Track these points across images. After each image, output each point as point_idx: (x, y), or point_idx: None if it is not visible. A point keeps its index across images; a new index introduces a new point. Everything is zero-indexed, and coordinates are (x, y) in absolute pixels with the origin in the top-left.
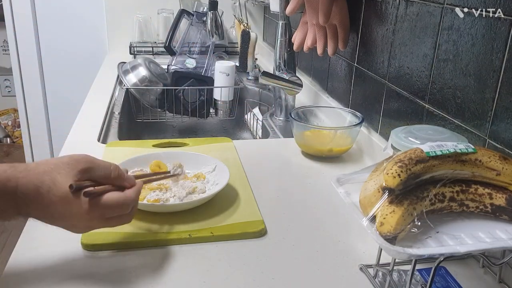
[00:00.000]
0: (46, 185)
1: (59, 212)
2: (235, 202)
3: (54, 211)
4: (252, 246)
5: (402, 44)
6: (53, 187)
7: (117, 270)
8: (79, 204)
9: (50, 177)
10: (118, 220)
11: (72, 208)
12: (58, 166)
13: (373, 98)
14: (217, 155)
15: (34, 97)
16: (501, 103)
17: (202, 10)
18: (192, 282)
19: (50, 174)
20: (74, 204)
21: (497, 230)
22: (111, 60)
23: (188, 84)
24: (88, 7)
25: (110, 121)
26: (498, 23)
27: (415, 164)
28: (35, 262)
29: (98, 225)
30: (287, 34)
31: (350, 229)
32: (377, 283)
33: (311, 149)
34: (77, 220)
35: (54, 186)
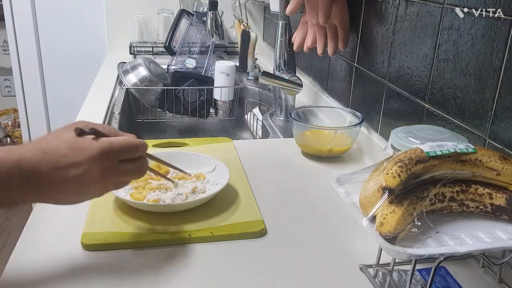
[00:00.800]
0: (51, 144)
1: (71, 162)
2: (235, 202)
3: (65, 163)
4: (252, 246)
5: (402, 44)
6: (59, 143)
7: (117, 270)
8: (89, 145)
9: (53, 137)
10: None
11: (82, 151)
12: (58, 129)
13: (373, 98)
14: (217, 155)
15: (34, 97)
16: (501, 103)
17: (202, 10)
18: (192, 282)
19: (54, 134)
20: (83, 146)
21: (497, 230)
22: (111, 60)
23: (188, 84)
24: (88, 7)
25: (110, 121)
26: (498, 23)
27: (415, 164)
28: (35, 262)
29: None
30: (287, 34)
31: (350, 229)
32: (377, 283)
33: (311, 149)
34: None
35: (60, 141)
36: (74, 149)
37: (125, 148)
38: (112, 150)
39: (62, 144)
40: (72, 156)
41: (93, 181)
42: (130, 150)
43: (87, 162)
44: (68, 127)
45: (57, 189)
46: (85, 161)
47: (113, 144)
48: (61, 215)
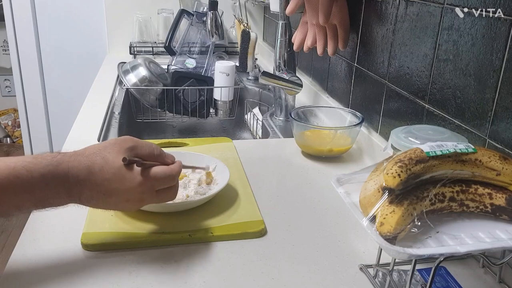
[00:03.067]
0: (98, 164)
1: (113, 188)
2: (235, 202)
3: (108, 187)
4: (252, 246)
5: (402, 44)
6: (105, 165)
7: (117, 270)
8: (133, 177)
9: (100, 156)
10: (165, 194)
11: (126, 181)
12: (106, 147)
13: (373, 98)
14: (217, 155)
15: (34, 97)
16: (501, 103)
17: (202, 10)
18: (192, 282)
19: (100, 154)
20: (127, 177)
21: (497, 230)
22: (111, 60)
23: (188, 84)
24: (88, 7)
25: (110, 121)
26: (498, 23)
27: (415, 164)
28: (35, 262)
29: (149, 199)
30: (287, 34)
31: (350, 229)
32: (377, 283)
33: (311, 149)
34: (130, 193)
35: (106, 164)
36: (118, 177)
37: (165, 180)
38: (153, 183)
39: (108, 168)
40: (115, 183)
41: (130, 205)
42: (169, 181)
43: (127, 191)
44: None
45: (96, 204)
46: (126, 190)
47: (155, 177)
48: (61, 215)
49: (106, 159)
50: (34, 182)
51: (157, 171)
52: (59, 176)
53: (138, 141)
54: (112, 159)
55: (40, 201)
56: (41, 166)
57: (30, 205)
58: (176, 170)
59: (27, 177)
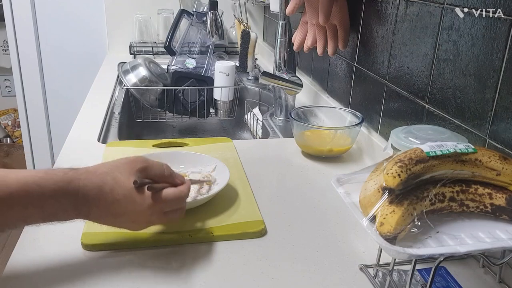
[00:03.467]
0: (109, 184)
1: (122, 209)
2: (235, 202)
3: (117, 208)
4: (252, 246)
5: (402, 44)
6: (115, 186)
7: (117, 270)
8: (143, 200)
9: (111, 177)
10: (173, 215)
11: (136, 203)
12: (118, 166)
13: (373, 98)
14: (217, 155)
15: (34, 97)
16: (501, 103)
17: (202, 10)
18: (192, 282)
19: (112, 174)
20: (137, 200)
21: (497, 230)
22: (111, 60)
23: (188, 84)
24: (88, 7)
25: (110, 121)
26: (498, 23)
27: (415, 164)
28: (35, 262)
29: (157, 220)
30: (287, 34)
31: (350, 229)
32: (377, 283)
33: (311, 149)
34: (138, 215)
35: (117, 185)
36: (128, 199)
37: (174, 203)
38: (162, 206)
39: (119, 190)
40: (124, 205)
41: (138, 225)
42: (177, 203)
43: (136, 213)
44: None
45: (103, 221)
46: (135, 212)
47: (165, 200)
48: None
49: (117, 180)
50: (44, 198)
51: (167, 194)
52: (69, 194)
53: (149, 161)
54: (123, 180)
55: (48, 216)
56: (52, 182)
57: (38, 218)
58: (185, 192)
59: (38, 193)
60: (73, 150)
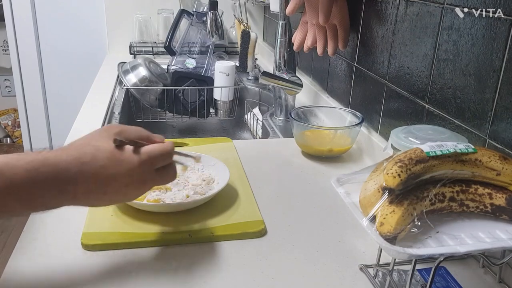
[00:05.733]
0: (89, 153)
1: (110, 174)
2: (235, 202)
3: (105, 174)
4: (252, 246)
5: (402, 44)
6: (97, 153)
7: (117, 270)
8: (129, 157)
9: (90, 146)
10: (166, 172)
11: (124, 163)
12: (94, 136)
13: (373, 98)
14: (217, 155)
15: (34, 97)
16: (501, 103)
17: (202, 10)
18: (192, 282)
19: (89, 143)
20: (124, 159)
21: (497, 230)
22: (111, 60)
23: (188, 84)
24: (88, 7)
25: (110, 121)
26: (498, 23)
27: (415, 164)
28: (35, 262)
29: (151, 180)
30: (287, 34)
31: (350, 229)
32: (377, 283)
33: (311, 149)
34: (130, 176)
35: (98, 152)
36: (113, 161)
37: (161, 157)
38: (151, 161)
39: (101, 154)
40: (112, 168)
41: (132, 190)
42: (165, 158)
43: (127, 174)
44: (103, 134)
45: (94, 197)
46: (125, 173)
47: (151, 154)
48: (61, 215)
49: (97, 147)
50: (17, 179)
51: (152, 148)
52: (47, 172)
53: (124, 125)
54: (103, 144)
55: (27, 202)
56: (25, 162)
57: (16, 205)
58: (170, 146)
59: (9, 174)
60: None
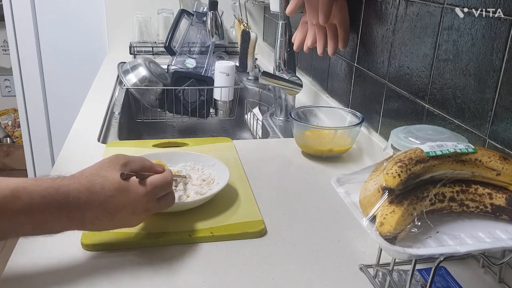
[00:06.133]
0: (98, 184)
1: (118, 203)
2: (235, 202)
3: (112, 204)
4: (252, 246)
5: (402, 44)
6: (105, 183)
7: (117, 270)
8: (136, 188)
9: (99, 176)
10: (166, 200)
11: (131, 193)
12: (102, 166)
13: (373, 98)
14: (217, 155)
15: (34, 97)
16: (501, 103)
17: (202, 10)
18: (192, 282)
19: (98, 173)
20: (131, 189)
21: (497, 230)
22: (111, 60)
23: (188, 84)
24: (88, 7)
25: (110, 121)
26: (498, 23)
27: (415, 164)
28: (35, 262)
29: (153, 207)
30: (287, 34)
31: (350, 229)
32: (377, 283)
33: (311, 149)
34: (136, 205)
35: (107, 182)
36: (121, 192)
37: (164, 187)
38: (155, 191)
39: (109, 185)
40: (119, 198)
41: (136, 217)
42: (167, 187)
43: (133, 204)
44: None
45: (100, 224)
46: (131, 203)
47: (155, 185)
48: None
49: (105, 177)
50: (34, 204)
51: (155, 178)
52: (60, 199)
53: (129, 156)
54: (111, 176)
55: (39, 225)
56: (42, 189)
57: (29, 228)
58: (170, 176)
59: (27, 199)
60: (73, 150)
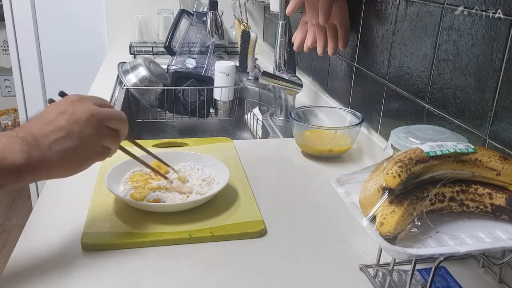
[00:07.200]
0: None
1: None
2: (235, 202)
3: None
4: (252, 246)
5: (402, 44)
6: (49, 108)
7: (117, 270)
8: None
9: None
10: (113, 112)
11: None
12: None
13: (373, 98)
14: (217, 155)
15: (34, 97)
16: (501, 103)
17: (202, 10)
18: (192, 282)
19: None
20: (62, 100)
21: (497, 230)
22: (111, 60)
23: (188, 84)
24: (88, 7)
25: None
26: (498, 23)
27: (415, 164)
28: (35, 262)
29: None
30: (287, 34)
31: (350, 229)
32: (377, 283)
33: (311, 149)
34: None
35: (51, 106)
36: (54, 105)
37: (110, 114)
38: (87, 96)
39: (43, 109)
40: (55, 109)
41: (83, 120)
42: (116, 117)
43: (69, 106)
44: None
45: (56, 140)
46: (67, 106)
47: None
48: (61, 215)
49: (49, 105)
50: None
51: (97, 97)
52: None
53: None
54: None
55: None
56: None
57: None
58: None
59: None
60: None
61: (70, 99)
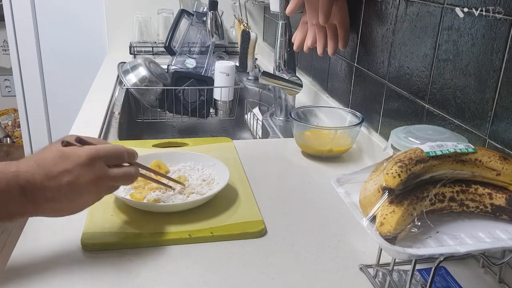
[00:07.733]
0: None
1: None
2: (235, 202)
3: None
4: (252, 246)
5: (402, 44)
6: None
7: (117, 270)
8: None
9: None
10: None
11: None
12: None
13: (373, 98)
14: (217, 155)
15: (34, 97)
16: (501, 103)
17: (202, 10)
18: (192, 282)
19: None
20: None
21: (497, 230)
22: (111, 60)
23: (188, 84)
24: (88, 7)
25: (110, 121)
26: (498, 23)
27: (415, 164)
28: (35, 262)
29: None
30: (287, 34)
31: (350, 229)
32: (377, 283)
33: (311, 149)
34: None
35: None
36: (63, 158)
37: (111, 154)
38: (99, 155)
39: (52, 155)
40: (62, 164)
41: (86, 186)
42: (117, 156)
43: (77, 168)
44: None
45: (52, 198)
46: (74, 167)
47: (98, 150)
48: None
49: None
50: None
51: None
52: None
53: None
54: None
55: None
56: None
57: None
58: (124, 148)
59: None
60: None
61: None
